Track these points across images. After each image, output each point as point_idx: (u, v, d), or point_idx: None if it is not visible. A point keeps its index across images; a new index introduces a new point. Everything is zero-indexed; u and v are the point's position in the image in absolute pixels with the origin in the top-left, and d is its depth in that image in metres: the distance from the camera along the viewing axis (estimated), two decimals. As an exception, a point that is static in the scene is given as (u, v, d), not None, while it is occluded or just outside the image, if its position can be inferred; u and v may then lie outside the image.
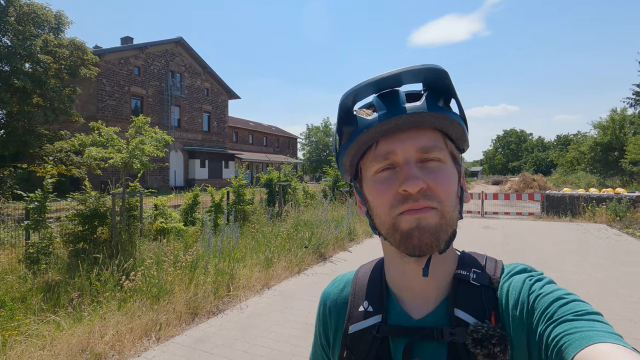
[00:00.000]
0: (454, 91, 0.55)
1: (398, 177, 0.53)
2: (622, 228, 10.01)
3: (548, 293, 0.51)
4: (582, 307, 0.48)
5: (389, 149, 0.54)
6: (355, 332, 0.61)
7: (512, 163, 77.18)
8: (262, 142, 43.53)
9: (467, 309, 0.55)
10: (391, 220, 0.54)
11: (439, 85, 0.54)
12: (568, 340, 0.44)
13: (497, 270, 0.59)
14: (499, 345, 0.50)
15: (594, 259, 6.69)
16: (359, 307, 0.64)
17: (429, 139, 0.54)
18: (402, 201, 0.52)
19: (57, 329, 3.37)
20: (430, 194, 0.52)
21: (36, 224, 5.06)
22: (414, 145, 0.53)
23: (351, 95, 0.55)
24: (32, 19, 13.99)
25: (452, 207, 0.54)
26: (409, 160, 0.53)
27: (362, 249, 7.86)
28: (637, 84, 31.07)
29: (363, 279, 0.67)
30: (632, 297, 4.64)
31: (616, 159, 24.55)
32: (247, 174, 9.61)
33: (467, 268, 0.59)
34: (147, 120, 6.09)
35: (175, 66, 28.22)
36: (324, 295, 0.72)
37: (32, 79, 13.68)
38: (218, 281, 4.69)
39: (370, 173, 0.56)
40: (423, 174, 0.52)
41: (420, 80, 0.55)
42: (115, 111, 23.58)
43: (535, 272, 0.58)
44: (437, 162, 0.54)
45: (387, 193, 0.54)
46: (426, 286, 0.58)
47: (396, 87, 0.55)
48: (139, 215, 5.99)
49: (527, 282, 0.55)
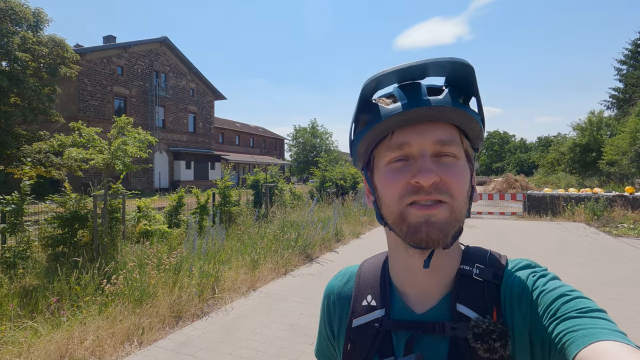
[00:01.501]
0: (476, 89, 0.54)
1: (411, 168, 0.53)
2: (599, 227, 10.35)
3: (552, 289, 0.51)
4: (585, 304, 0.48)
5: (404, 140, 0.53)
6: (358, 325, 0.62)
7: (496, 164, 78.76)
8: (249, 143, 43.24)
9: (470, 304, 0.55)
10: (399, 210, 0.53)
11: (461, 82, 0.54)
12: (571, 338, 0.44)
13: (501, 265, 0.59)
14: (499, 341, 0.50)
15: (572, 256, 6.90)
16: (363, 301, 0.64)
17: (446, 133, 0.54)
18: (413, 192, 0.52)
19: (35, 335, 3.27)
20: (443, 187, 0.52)
21: (13, 227, 4.89)
22: (430, 138, 0.53)
23: (373, 81, 0.54)
24: (9, 15, 13.56)
25: (463, 204, 0.54)
26: (424, 152, 0.53)
27: (349, 249, 7.89)
28: (614, 88, 32.36)
29: (367, 273, 0.67)
30: (607, 293, 4.80)
31: (594, 160, 25.36)
32: (233, 175, 9.53)
33: (470, 263, 0.59)
34: (130, 120, 5.98)
35: (160, 66, 27.78)
36: (328, 288, 0.73)
37: (9, 78, 13.25)
38: (203, 284, 4.64)
39: (383, 162, 0.56)
40: (437, 168, 0.52)
41: (444, 74, 0.54)
42: (98, 111, 23.04)
43: (540, 267, 0.58)
44: (452, 158, 0.54)
45: (398, 183, 0.53)
46: (429, 281, 0.58)
47: (417, 80, 0.55)
48: (122, 217, 5.87)
49: (530, 278, 0.55)
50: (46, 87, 14.74)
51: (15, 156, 13.62)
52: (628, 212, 11.21)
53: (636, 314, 4.07)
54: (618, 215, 11.10)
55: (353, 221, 10.32)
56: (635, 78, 29.26)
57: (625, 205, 11.56)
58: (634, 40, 30.38)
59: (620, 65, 31.60)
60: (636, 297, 4.59)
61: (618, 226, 10.09)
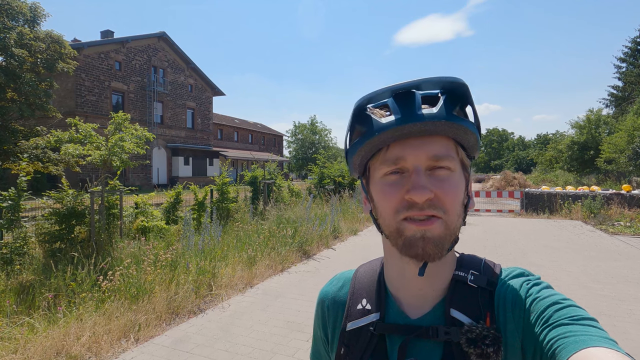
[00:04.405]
0: (471, 99, 0.55)
1: (406, 183, 0.53)
2: (596, 224, 10.39)
3: (545, 297, 0.52)
4: (577, 312, 0.48)
5: (399, 154, 0.53)
6: (352, 329, 0.62)
7: (494, 161, 78.87)
8: (248, 140, 43.14)
9: (463, 309, 0.56)
10: (396, 225, 0.54)
11: (456, 92, 0.54)
12: (562, 344, 0.44)
13: (495, 272, 0.60)
14: (492, 346, 0.50)
15: (568, 254, 6.93)
16: (357, 304, 0.65)
17: (441, 147, 0.53)
18: (407, 207, 0.52)
19: (31, 331, 3.28)
20: (437, 203, 0.52)
21: (9, 224, 4.89)
22: (425, 153, 0.53)
23: (366, 100, 0.56)
24: (5, 10, 13.43)
25: (457, 217, 0.55)
26: (418, 168, 0.53)
27: (346, 246, 7.91)
28: (612, 86, 32.37)
29: (362, 278, 0.68)
30: (602, 290, 4.83)
31: (592, 158, 25.41)
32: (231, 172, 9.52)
33: (465, 270, 0.59)
34: (127, 116, 5.95)
35: (158, 61, 27.63)
36: (323, 293, 0.73)
37: (5, 73, 13.16)
38: (199, 280, 4.65)
39: (378, 175, 0.56)
40: (431, 183, 0.52)
41: (438, 88, 0.55)
42: (95, 107, 22.93)
43: (533, 276, 0.59)
44: (447, 171, 0.54)
45: (393, 197, 0.54)
46: (424, 287, 0.59)
47: None
48: (119, 213, 5.87)
49: (524, 286, 0.56)
50: (43, 83, 14.65)
51: (13, 152, 13.56)
52: (625, 210, 11.25)
53: (631, 312, 4.10)
54: (615, 214, 11.14)
55: (351, 218, 10.33)
56: (634, 76, 29.24)
57: (622, 203, 11.60)
58: (634, 38, 30.32)
59: (620, 63, 31.56)
60: (631, 295, 4.63)
61: (615, 224, 10.13)
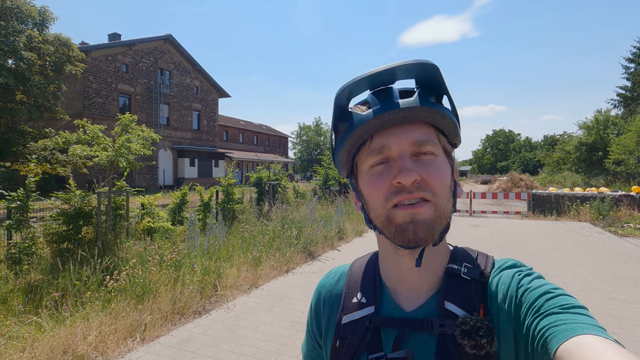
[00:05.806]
0: (445, 87, 0.56)
1: (392, 170, 0.54)
2: (604, 226, 10.25)
3: (536, 287, 0.52)
4: (568, 301, 0.49)
5: (383, 143, 0.55)
6: (348, 322, 0.63)
7: (501, 163, 78.28)
8: (253, 141, 43.31)
9: (457, 301, 0.56)
10: (386, 213, 0.55)
11: (431, 82, 0.55)
12: (553, 332, 0.45)
13: (488, 264, 0.60)
14: (485, 337, 0.51)
15: (576, 256, 6.84)
16: (353, 298, 0.65)
17: (422, 133, 0.55)
18: (396, 193, 0.53)
19: (39, 330, 3.31)
20: (424, 185, 0.53)
21: (18, 224, 4.95)
22: (407, 139, 0.54)
23: (346, 90, 0.56)
24: (15, 14, 13.67)
25: (446, 200, 0.55)
26: (403, 153, 0.54)
27: (351, 248, 7.89)
28: (621, 86, 31.95)
29: (358, 272, 0.69)
30: (611, 293, 4.76)
31: (600, 159, 25.07)
32: (236, 173, 9.56)
33: (458, 262, 0.60)
34: (134, 118, 6.01)
35: (164, 64, 27.87)
36: (319, 286, 0.74)
37: (15, 76, 13.36)
38: (205, 281, 4.66)
39: (365, 167, 0.58)
40: (417, 167, 0.53)
41: (412, 76, 0.56)
42: (103, 109, 23.18)
43: (525, 267, 0.59)
44: (431, 156, 0.55)
45: (381, 186, 0.55)
46: (419, 279, 0.60)
47: (390, 84, 0.57)
48: (126, 214, 5.91)
49: (516, 277, 0.56)
50: (52, 85, 14.86)
51: (21, 153, 13.74)
52: (634, 212, 11.10)
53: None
54: (624, 215, 10.98)
55: (356, 219, 10.30)
56: (643, 76, 28.85)
57: (632, 205, 11.44)
58: (642, 38, 29.92)
59: (628, 64, 31.11)
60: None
61: (624, 226, 9.99)
